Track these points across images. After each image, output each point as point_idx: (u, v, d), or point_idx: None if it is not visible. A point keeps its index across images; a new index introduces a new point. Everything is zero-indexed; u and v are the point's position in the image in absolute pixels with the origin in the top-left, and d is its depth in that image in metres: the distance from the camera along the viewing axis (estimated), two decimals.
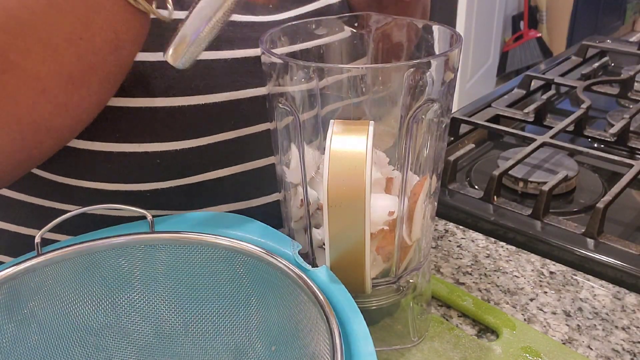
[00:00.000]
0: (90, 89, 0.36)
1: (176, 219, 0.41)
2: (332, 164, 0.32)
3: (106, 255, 0.37)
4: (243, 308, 0.37)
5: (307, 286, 0.33)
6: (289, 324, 0.35)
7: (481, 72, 2.59)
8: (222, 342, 0.38)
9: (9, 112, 0.34)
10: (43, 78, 0.34)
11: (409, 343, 0.43)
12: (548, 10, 2.98)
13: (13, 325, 0.34)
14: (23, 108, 0.34)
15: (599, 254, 0.53)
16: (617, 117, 0.80)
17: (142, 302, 0.38)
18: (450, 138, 0.77)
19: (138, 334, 0.38)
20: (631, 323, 0.46)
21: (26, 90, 0.34)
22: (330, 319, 0.30)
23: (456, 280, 0.52)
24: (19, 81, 0.33)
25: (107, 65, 0.36)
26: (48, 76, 0.34)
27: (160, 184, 0.44)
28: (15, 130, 0.35)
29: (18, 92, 0.34)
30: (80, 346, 0.37)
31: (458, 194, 0.64)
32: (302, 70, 0.34)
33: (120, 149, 0.42)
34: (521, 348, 0.43)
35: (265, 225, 0.40)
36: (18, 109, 0.34)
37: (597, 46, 1.06)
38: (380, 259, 0.38)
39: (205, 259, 0.37)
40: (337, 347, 0.28)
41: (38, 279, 0.35)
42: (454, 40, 0.38)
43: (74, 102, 0.36)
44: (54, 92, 0.35)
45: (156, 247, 0.37)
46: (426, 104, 0.35)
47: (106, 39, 0.35)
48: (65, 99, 0.35)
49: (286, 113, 0.37)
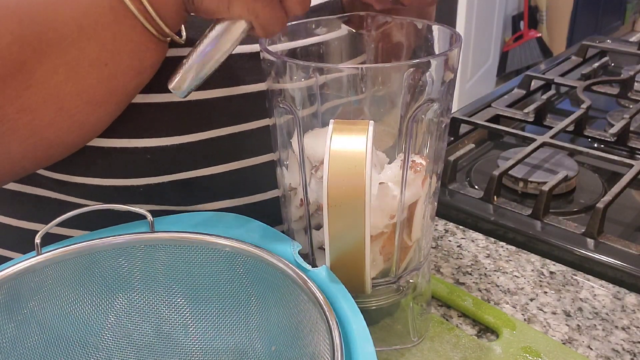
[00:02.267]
0: (108, 109, 0.38)
1: (176, 219, 0.41)
2: (332, 164, 0.32)
3: (106, 255, 0.37)
4: (243, 308, 0.37)
5: (307, 286, 0.33)
6: (289, 324, 0.35)
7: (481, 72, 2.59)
8: (222, 342, 0.38)
9: (27, 125, 0.35)
10: (64, 97, 0.35)
11: (409, 343, 0.43)
12: (548, 10, 2.98)
13: (13, 325, 0.34)
14: (41, 123, 0.35)
15: (599, 254, 0.53)
16: (617, 117, 0.80)
17: (142, 302, 0.38)
18: (450, 138, 0.77)
19: (138, 334, 0.38)
20: (631, 323, 0.46)
21: (47, 107, 0.35)
22: (330, 319, 0.30)
23: (456, 280, 0.52)
24: (40, 98, 0.35)
25: (128, 89, 0.38)
26: (69, 96, 0.35)
27: (153, 179, 0.44)
28: (30, 142, 0.36)
29: (39, 108, 0.35)
30: (80, 346, 0.37)
31: (458, 194, 0.64)
32: (302, 69, 0.34)
33: (111, 145, 0.42)
34: (521, 348, 0.43)
35: (265, 225, 0.40)
36: (36, 123, 0.35)
37: (597, 46, 1.06)
38: (380, 259, 0.38)
39: (205, 259, 0.37)
40: (337, 347, 0.28)
41: (38, 279, 0.35)
42: (454, 40, 0.38)
43: (91, 121, 0.37)
44: (72, 111, 0.36)
45: (156, 247, 0.37)
46: (426, 104, 0.35)
47: (130, 65, 0.36)
48: (83, 119, 0.37)
49: (285, 112, 0.37)
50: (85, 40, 0.34)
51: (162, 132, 0.42)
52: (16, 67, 0.33)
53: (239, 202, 0.48)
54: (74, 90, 0.35)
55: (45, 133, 0.36)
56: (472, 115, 0.83)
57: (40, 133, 0.36)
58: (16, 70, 0.33)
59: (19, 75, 0.34)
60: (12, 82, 0.34)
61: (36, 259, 0.35)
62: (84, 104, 0.36)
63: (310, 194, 0.38)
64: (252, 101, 0.45)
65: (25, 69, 0.34)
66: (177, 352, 0.38)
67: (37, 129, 0.36)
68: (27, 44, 0.33)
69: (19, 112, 0.34)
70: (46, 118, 0.35)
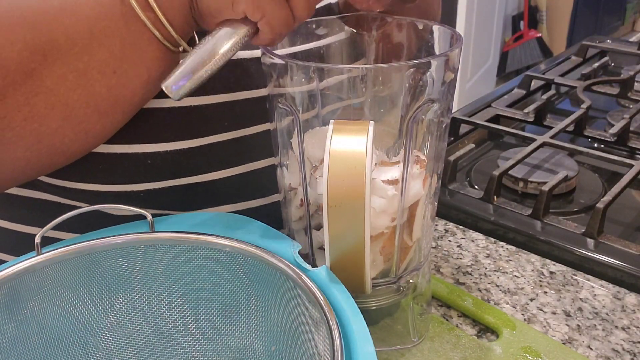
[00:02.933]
0: (114, 118, 0.38)
1: (176, 219, 0.40)
2: (332, 164, 0.32)
3: (106, 255, 0.37)
4: (243, 308, 0.37)
5: (307, 286, 0.33)
6: (289, 324, 0.35)
7: (481, 72, 2.59)
8: (222, 342, 0.38)
9: (33, 131, 0.35)
10: (72, 105, 0.35)
11: (409, 343, 0.43)
12: (548, 10, 2.97)
13: (13, 325, 0.34)
14: (47, 130, 0.35)
15: (599, 254, 0.53)
16: (617, 117, 0.80)
17: (142, 302, 0.38)
18: (451, 138, 0.77)
19: (138, 334, 0.38)
20: (631, 323, 0.46)
21: (54, 114, 0.35)
22: (330, 319, 0.30)
23: (456, 280, 0.52)
24: (48, 105, 0.35)
25: (135, 99, 0.37)
26: (77, 104, 0.35)
27: (153, 185, 0.44)
28: (35, 149, 0.36)
29: (46, 115, 0.35)
30: (80, 346, 0.37)
31: (458, 194, 0.64)
32: (302, 70, 0.34)
33: (112, 150, 0.42)
34: (521, 348, 0.43)
35: (265, 225, 0.40)
36: (43, 130, 0.35)
37: (597, 46, 1.06)
38: (380, 260, 0.38)
39: (205, 259, 0.37)
40: (337, 347, 0.28)
41: (38, 279, 0.35)
42: (454, 40, 0.38)
43: (96, 130, 0.37)
44: (79, 119, 0.36)
45: (156, 247, 0.37)
46: (426, 104, 0.35)
47: (138, 74, 0.36)
48: (88, 127, 0.37)
49: (286, 113, 0.37)
50: (96, 47, 0.34)
51: (163, 137, 0.42)
52: (26, 73, 0.33)
53: (240, 207, 0.48)
54: (82, 98, 0.35)
55: (51, 141, 0.36)
56: (472, 115, 0.83)
57: (46, 140, 0.36)
58: (26, 76, 0.33)
59: (28, 81, 0.33)
60: (22, 88, 0.33)
61: (36, 259, 0.35)
62: (91, 112, 0.36)
63: (310, 194, 0.38)
64: (253, 106, 0.45)
65: (35, 75, 0.33)
66: (177, 352, 0.38)
67: (44, 137, 0.35)
68: (38, 50, 0.33)
69: (26, 120, 0.34)
70: (53, 125, 0.35)
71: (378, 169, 0.37)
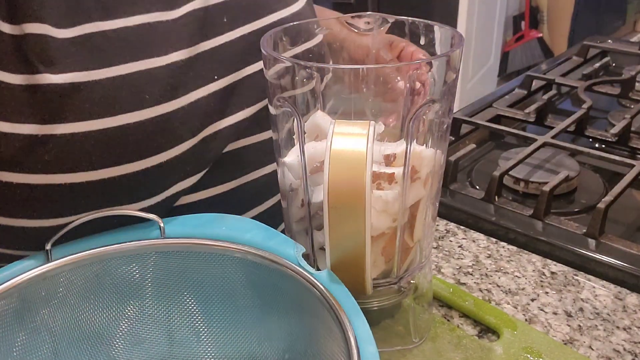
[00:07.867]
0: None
1: (181, 220, 0.40)
2: (332, 164, 0.32)
3: (117, 262, 0.36)
4: (255, 314, 0.37)
5: (318, 290, 0.32)
6: (301, 328, 0.35)
7: (482, 72, 2.58)
8: (235, 350, 0.37)
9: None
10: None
11: (410, 344, 0.43)
12: (549, 11, 2.97)
13: (24, 334, 0.34)
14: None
15: (600, 254, 0.53)
16: (618, 117, 0.80)
17: (154, 310, 0.37)
18: (452, 138, 0.77)
19: (150, 342, 0.37)
20: (632, 323, 0.46)
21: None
22: (344, 322, 0.30)
23: (457, 280, 0.52)
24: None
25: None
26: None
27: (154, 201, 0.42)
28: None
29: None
30: (92, 354, 0.36)
31: (459, 194, 0.64)
32: (304, 70, 0.34)
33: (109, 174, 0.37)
34: (522, 348, 0.43)
35: (266, 226, 0.40)
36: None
37: (598, 46, 1.06)
38: (381, 260, 0.38)
39: (216, 266, 0.37)
40: (352, 349, 0.28)
41: (49, 287, 0.34)
42: (455, 40, 0.38)
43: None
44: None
45: (167, 254, 0.37)
46: (427, 104, 0.35)
47: None
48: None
49: (287, 113, 0.37)
50: None
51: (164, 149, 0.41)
52: None
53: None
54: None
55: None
56: (473, 115, 0.83)
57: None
58: None
59: None
60: None
61: (47, 266, 0.34)
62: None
63: (310, 195, 0.38)
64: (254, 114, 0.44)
65: None
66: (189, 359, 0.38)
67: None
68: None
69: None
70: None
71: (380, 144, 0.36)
